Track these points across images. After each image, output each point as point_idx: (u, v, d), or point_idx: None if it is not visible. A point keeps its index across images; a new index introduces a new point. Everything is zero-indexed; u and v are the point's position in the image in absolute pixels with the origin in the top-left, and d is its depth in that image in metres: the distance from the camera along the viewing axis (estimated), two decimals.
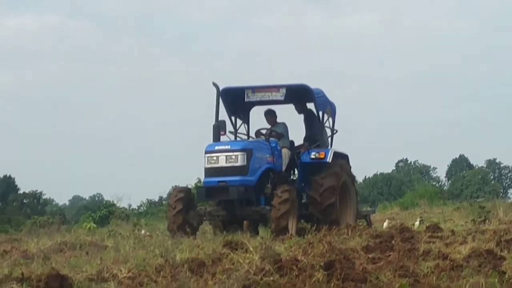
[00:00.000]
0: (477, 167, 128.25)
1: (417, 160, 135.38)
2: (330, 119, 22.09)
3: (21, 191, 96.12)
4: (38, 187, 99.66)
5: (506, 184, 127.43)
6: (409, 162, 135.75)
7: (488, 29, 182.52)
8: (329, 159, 20.56)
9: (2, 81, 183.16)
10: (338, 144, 22.16)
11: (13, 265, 12.14)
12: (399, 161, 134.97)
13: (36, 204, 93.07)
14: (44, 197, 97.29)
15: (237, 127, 21.84)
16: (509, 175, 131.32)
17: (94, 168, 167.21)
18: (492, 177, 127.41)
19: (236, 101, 21.38)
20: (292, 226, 18.67)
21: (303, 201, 20.75)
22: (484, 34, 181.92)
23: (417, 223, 26.94)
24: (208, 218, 20.06)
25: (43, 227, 33.76)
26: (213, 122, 20.42)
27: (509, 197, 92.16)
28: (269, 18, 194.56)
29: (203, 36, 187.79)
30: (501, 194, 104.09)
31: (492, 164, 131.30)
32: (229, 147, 19.72)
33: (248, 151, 19.41)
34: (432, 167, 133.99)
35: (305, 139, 21.73)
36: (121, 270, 10.94)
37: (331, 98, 21.95)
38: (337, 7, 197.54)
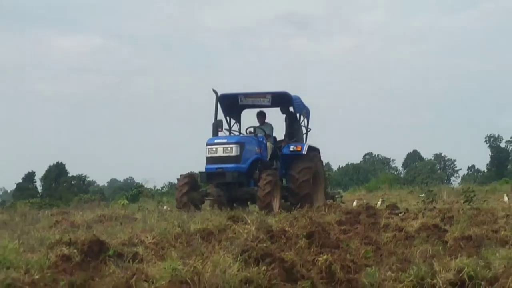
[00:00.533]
0: (426, 159, 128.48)
1: (380, 154, 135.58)
2: (305, 120, 22.11)
3: (70, 175, 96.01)
4: (83, 171, 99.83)
5: (449, 173, 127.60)
6: (373, 155, 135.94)
7: (443, 53, 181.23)
8: (304, 151, 20.72)
9: (60, 89, 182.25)
10: (312, 140, 22.16)
11: (63, 232, 12.12)
12: (365, 154, 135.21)
13: (81, 185, 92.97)
14: (88, 179, 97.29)
15: (231, 125, 21.99)
16: (451, 166, 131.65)
17: (127, 156, 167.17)
18: (438, 167, 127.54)
19: (230, 104, 21.48)
20: (275, 203, 18.83)
21: (283, 184, 20.69)
22: (439, 59, 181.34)
23: (379, 202, 26.98)
24: (208, 197, 20.30)
25: (87, 203, 33.65)
26: (213, 121, 20.52)
27: (451, 183, 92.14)
28: (262, 41, 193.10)
29: (210, 56, 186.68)
30: (445, 181, 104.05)
31: (438, 157, 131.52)
32: (226, 140, 19.96)
33: (241, 144, 19.60)
34: (391, 159, 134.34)
35: (285, 136, 21.91)
36: (147, 237, 10.92)
37: (306, 103, 22.03)
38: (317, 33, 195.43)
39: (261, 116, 21.65)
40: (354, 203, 25.44)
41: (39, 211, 23.14)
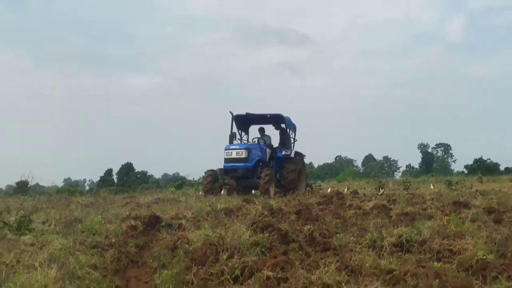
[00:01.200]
0: (378, 160, 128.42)
1: (346, 156, 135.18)
2: (293, 134, 21.72)
3: (136, 170, 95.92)
4: (145, 168, 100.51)
5: (393, 169, 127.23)
6: (342, 156, 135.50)
7: (387, 87, 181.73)
8: (292, 155, 20.47)
9: (130, 111, 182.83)
10: (298, 147, 21.84)
11: (131, 210, 12.13)
12: (336, 156, 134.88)
13: (143, 178, 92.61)
14: (148, 173, 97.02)
15: (242, 136, 21.50)
16: (395, 164, 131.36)
17: (175, 157, 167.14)
18: (386, 165, 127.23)
19: (241, 122, 21.08)
20: (271, 191, 18.67)
21: (277, 178, 20.34)
22: (385, 90, 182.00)
23: (346, 189, 26.89)
24: (225, 186, 19.81)
25: (147, 190, 33.62)
26: (229, 133, 20.26)
27: (394, 176, 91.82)
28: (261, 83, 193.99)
29: (227, 88, 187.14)
30: (390, 175, 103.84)
31: (386, 158, 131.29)
32: (238, 147, 19.63)
33: (248, 150, 19.38)
34: (354, 159, 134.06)
35: (279, 144, 21.58)
36: (188, 213, 10.91)
37: (294, 121, 21.74)
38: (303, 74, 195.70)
39: (261, 131, 21.32)
40: (329, 190, 25.32)
41: (115, 196, 23.12)
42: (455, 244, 6.83)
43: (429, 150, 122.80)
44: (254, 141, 21.10)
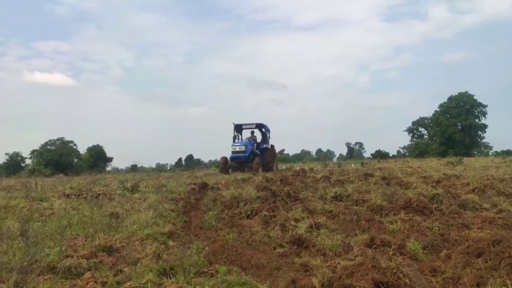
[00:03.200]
0: (324, 151, 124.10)
1: (307, 148, 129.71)
2: (269, 134, 19.28)
3: (195, 158, 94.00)
4: (200, 157, 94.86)
5: (331, 157, 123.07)
6: (305, 149, 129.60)
7: (345, 103, 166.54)
8: (270, 147, 18.49)
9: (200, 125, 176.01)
10: (272, 142, 19.84)
11: (192, 179, 12.12)
12: (301, 149, 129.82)
13: (198, 162, 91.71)
14: (201, 160, 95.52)
15: (239, 137, 18.91)
16: (332, 154, 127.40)
17: (218, 149, 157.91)
18: (328, 155, 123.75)
19: (238, 128, 18.67)
20: (259, 170, 16.59)
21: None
22: (343, 104, 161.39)
23: (307, 168, 26.21)
24: (233, 167, 17.60)
25: (201, 169, 33.41)
26: (233, 134, 18.37)
27: (332, 160, 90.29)
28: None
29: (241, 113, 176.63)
30: (330, 160, 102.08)
31: (329, 151, 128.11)
32: (239, 144, 17.77)
33: (246, 145, 17.60)
34: (311, 151, 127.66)
35: (261, 141, 19.25)
36: (222, 181, 10.89)
37: (269, 127, 19.58)
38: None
39: (252, 133, 19.23)
40: (297, 168, 25.11)
41: (183, 172, 23.06)
42: (366, 197, 6.83)
43: (351, 145, 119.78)
44: (247, 139, 19.17)
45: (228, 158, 17.68)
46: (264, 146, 18.67)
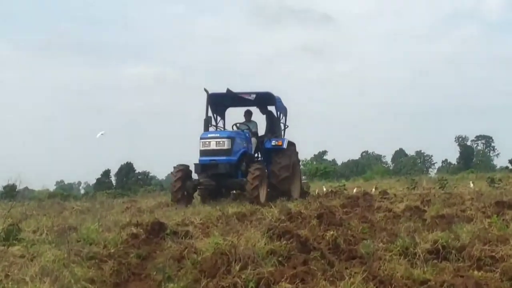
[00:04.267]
0: (410, 155, 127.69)
1: (374, 151, 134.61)
2: (284, 118, 19.45)
3: (136, 171, 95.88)
4: (147, 168, 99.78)
5: (427, 166, 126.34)
6: (369, 152, 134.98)
7: (418, 77, 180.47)
8: (285, 146, 18.26)
9: (127, 104, 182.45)
10: (288, 135, 19.56)
11: (132, 216, 12.16)
12: (363, 152, 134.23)
13: (146, 179, 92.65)
14: (150, 174, 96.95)
15: (218, 122, 19.17)
16: (429, 160, 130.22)
17: (180, 157, 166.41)
18: (419, 161, 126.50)
19: (217, 103, 18.81)
20: (262, 195, 16.39)
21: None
22: (415, 80, 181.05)
23: (373, 189, 26.86)
24: (201, 187, 17.33)
25: (150, 193, 33.70)
26: (204, 117, 18.03)
27: (429, 173, 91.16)
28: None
29: (239, 76, 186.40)
30: (424, 172, 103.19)
31: (419, 153, 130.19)
32: (218, 135, 17.32)
33: (232, 138, 16.95)
34: (382, 155, 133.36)
35: (266, 132, 19.20)
36: (195, 219, 10.96)
37: (284, 103, 19.51)
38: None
39: (248, 114, 19.14)
40: (354, 190, 25.35)
41: (114, 199, 23.23)
42: (498, 250, 6.80)
43: (468, 143, 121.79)
44: (237, 127, 18.91)
45: (192, 168, 17.27)
46: (274, 142, 18.43)
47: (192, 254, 7.12)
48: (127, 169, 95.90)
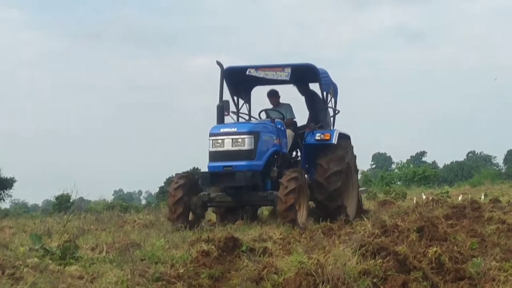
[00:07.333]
0: None
1: (482, 151, 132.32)
2: (333, 100, 16.54)
3: None
4: None
5: None
6: (476, 152, 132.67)
7: None
8: (334, 140, 14.92)
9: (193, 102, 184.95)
10: (338, 125, 16.69)
11: (201, 230, 12.33)
12: (469, 152, 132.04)
13: None
14: None
15: (240, 107, 16.47)
16: None
17: None
18: None
19: (238, 80, 15.87)
20: (301, 215, 13.50)
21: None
22: None
23: (482, 197, 26.42)
24: (213, 204, 14.68)
25: None
26: (217, 102, 15.08)
27: None
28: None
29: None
30: None
31: None
32: (235, 129, 14.04)
33: (255, 134, 13.84)
34: (493, 156, 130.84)
35: (309, 120, 16.03)
36: (275, 233, 11.03)
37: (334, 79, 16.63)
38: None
39: (274, 96, 16.12)
40: (460, 198, 24.95)
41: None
42: None
43: None
44: (262, 118, 15.99)
45: (199, 179, 14.63)
46: (320, 135, 15.15)
47: (272, 274, 7.16)
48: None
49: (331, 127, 16.11)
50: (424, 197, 27.56)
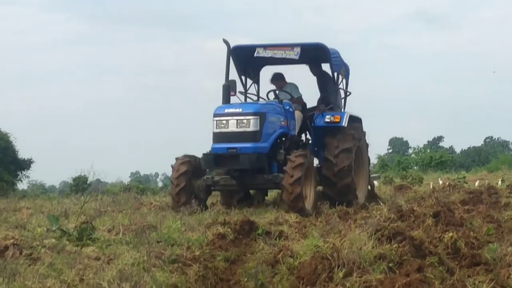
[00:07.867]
0: None
1: (500, 137, 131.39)
2: (344, 81, 16.03)
3: None
4: None
5: None
6: (493, 138, 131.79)
7: None
8: (344, 123, 14.60)
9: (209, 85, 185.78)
10: (350, 107, 16.30)
11: (218, 213, 12.35)
12: (486, 138, 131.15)
13: None
14: None
15: (247, 87, 16.00)
16: None
17: None
18: None
19: (246, 59, 15.39)
20: (309, 194, 13.23)
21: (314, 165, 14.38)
22: None
23: (499, 182, 26.32)
24: (217, 188, 14.40)
25: None
26: (223, 82, 14.56)
27: None
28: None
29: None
30: None
31: None
32: (240, 110, 13.69)
33: (261, 115, 13.44)
34: (510, 141, 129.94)
35: (319, 101, 15.62)
36: (291, 217, 11.04)
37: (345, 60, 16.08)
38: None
39: (278, 79, 15.56)
40: (476, 183, 24.88)
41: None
42: None
43: None
44: (269, 98, 15.35)
45: (201, 160, 14.04)
46: (329, 117, 14.78)
47: (288, 258, 7.18)
48: None
49: (342, 109, 15.78)
50: (440, 182, 27.54)
